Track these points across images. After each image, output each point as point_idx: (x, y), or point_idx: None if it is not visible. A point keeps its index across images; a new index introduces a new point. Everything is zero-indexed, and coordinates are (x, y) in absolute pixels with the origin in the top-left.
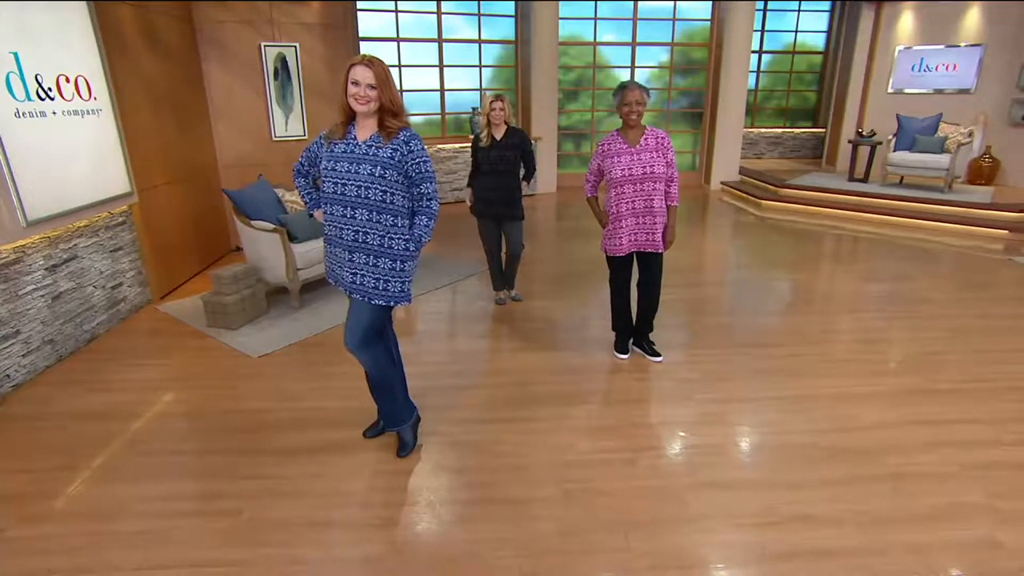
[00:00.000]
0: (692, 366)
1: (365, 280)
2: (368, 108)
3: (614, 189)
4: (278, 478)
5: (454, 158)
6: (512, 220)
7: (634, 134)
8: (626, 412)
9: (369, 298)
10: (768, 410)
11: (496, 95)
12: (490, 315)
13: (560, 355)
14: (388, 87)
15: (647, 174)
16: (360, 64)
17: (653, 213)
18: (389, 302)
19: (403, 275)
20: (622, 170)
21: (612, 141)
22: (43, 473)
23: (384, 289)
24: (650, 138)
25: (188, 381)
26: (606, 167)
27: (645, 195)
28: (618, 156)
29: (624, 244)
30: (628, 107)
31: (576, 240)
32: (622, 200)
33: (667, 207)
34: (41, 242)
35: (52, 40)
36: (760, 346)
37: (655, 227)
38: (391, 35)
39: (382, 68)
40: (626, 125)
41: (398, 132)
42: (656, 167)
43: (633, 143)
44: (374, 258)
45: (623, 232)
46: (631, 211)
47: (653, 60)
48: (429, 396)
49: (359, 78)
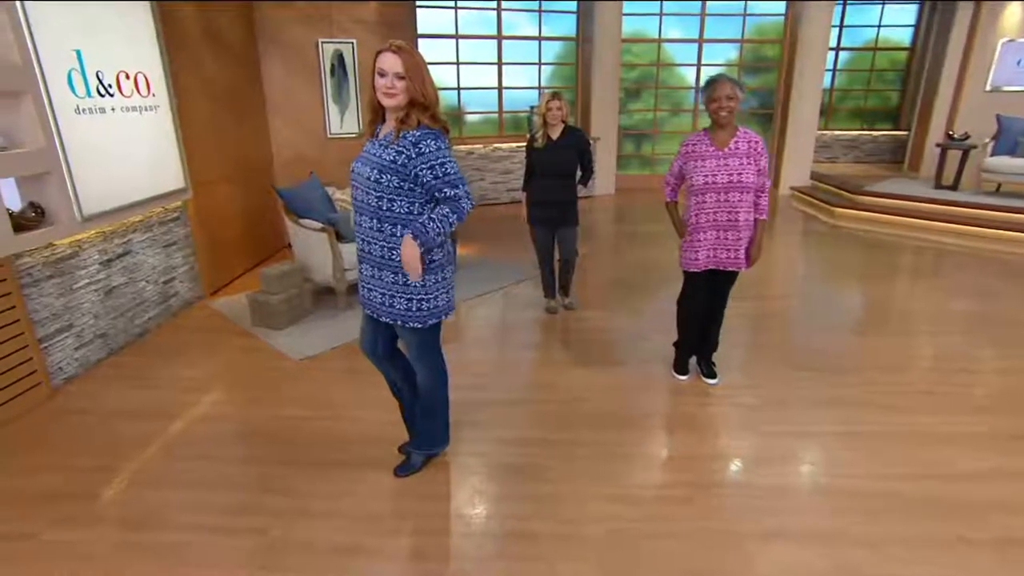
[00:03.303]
0: (754, 391)
1: (375, 294)
2: (396, 102)
3: (695, 197)
4: (308, 495)
5: (510, 157)
6: (567, 225)
7: (723, 135)
8: (682, 441)
9: (377, 314)
10: (841, 447)
11: (553, 93)
12: (540, 324)
13: (612, 371)
14: (419, 77)
15: (734, 183)
16: (387, 51)
17: (738, 227)
18: (395, 320)
19: (409, 291)
20: (705, 177)
21: (697, 141)
22: (82, 473)
23: (391, 306)
24: (741, 141)
25: (230, 382)
26: (688, 171)
27: (730, 207)
28: (702, 160)
29: (701, 259)
30: (717, 103)
31: (634, 246)
32: (703, 211)
33: (754, 220)
34: (96, 237)
35: (114, 37)
36: (830, 371)
37: (739, 243)
38: (449, 32)
39: (411, 56)
40: (715, 124)
41: (414, 128)
42: (745, 175)
43: (721, 145)
44: (378, 270)
45: (701, 246)
46: (712, 224)
47: (721, 58)
48: (471, 410)
49: (386, 67)
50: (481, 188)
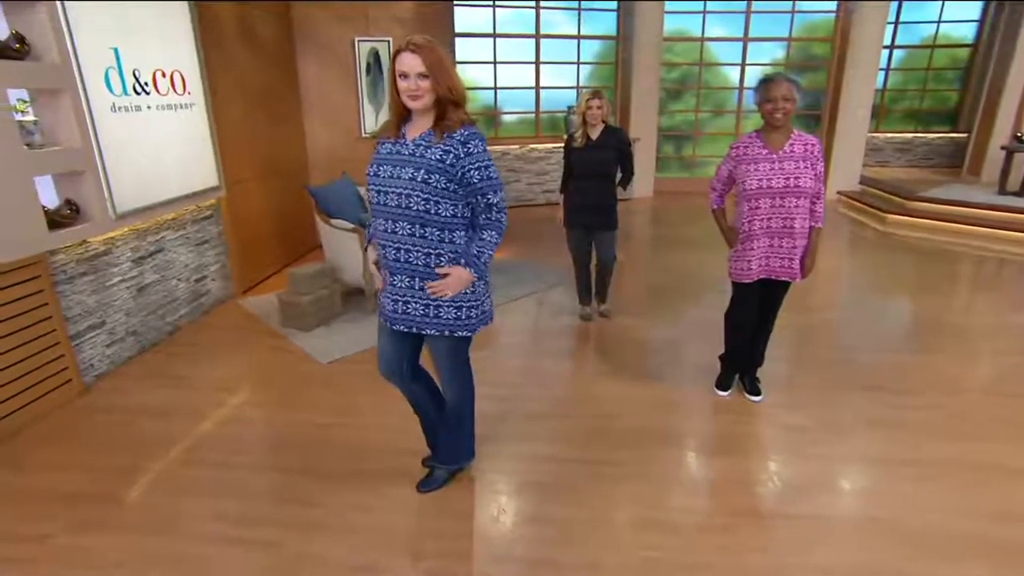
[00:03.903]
0: (802, 411)
1: (410, 307)
2: (423, 103)
3: (747, 203)
4: (326, 507)
5: (546, 158)
6: (605, 229)
7: (778, 137)
8: (725, 463)
9: (418, 328)
10: (907, 477)
11: (593, 91)
12: (574, 332)
13: (650, 384)
14: (443, 73)
15: (789, 187)
16: (405, 51)
17: (793, 235)
18: (441, 331)
19: (456, 299)
20: (759, 180)
21: (749, 144)
22: (104, 473)
23: (436, 316)
24: (797, 144)
25: (256, 384)
26: (739, 175)
27: (785, 212)
28: (755, 163)
29: (753, 269)
30: (772, 104)
31: (673, 250)
32: (756, 217)
33: (809, 228)
34: (130, 234)
35: (151, 35)
36: (884, 391)
37: (793, 252)
38: (487, 31)
39: (432, 51)
40: (768, 126)
41: (457, 128)
42: (802, 179)
43: (776, 148)
44: (418, 280)
45: (754, 255)
46: (766, 230)
47: (766, 57)
48: (498, 423)
49: (407, 68)
50: (516, 189)
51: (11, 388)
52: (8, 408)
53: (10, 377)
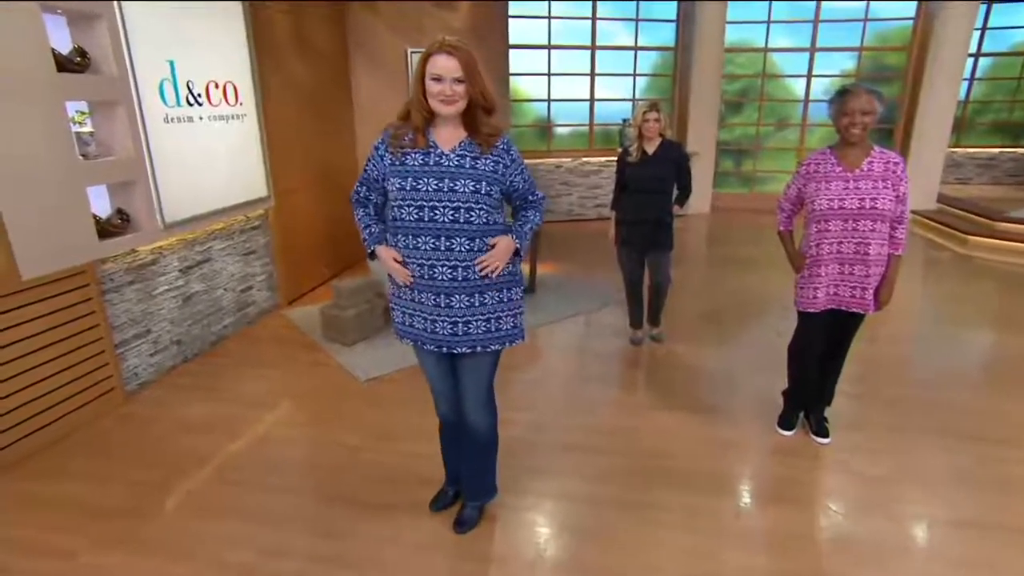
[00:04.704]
0: (876, 457)
1: (471, 326)
2: (457, 108)
3: (815, 224)
4: (350, 539)
5: (599, 172)
6: (659, 249)
7: (854, 154)
8: (787, 516)
9: (482, 346)
10: (1008, 545)
11: (651, 103)
12: (623, 356)
13: (704, 420)
14: (478, 77)
15: (865, 209)
16: (441, 52)
17: (867, 262)
18: (503, 344)
19: (512, 306)
20: (830, 200)
21: (822, 160)
22: (136, 488)
23: (497, 329)
24: (876, 162)
25: (293, 400)
26: (807, 193)
27: (859, 237)
28: (827, 181)
29: (820, 298)
30: (849, 118)
31: (731, 271)
32: (825, 240)
33: (887, 255)
34: (178, 244)
35: (206, 47)
36: (981, 440)
37: (867, 280)
38: (541, 42)
39: (468, 54)
40: (843, 142)
41: (499, 138)
42: (881, 201)
43: (852, 166)
44: (479, 295)
45: (821, 282)
46: (835, 256)
47: (835, 68)
48: (535, 454)
49: (441, 71)
50: (568, 203)
51: (56, 395)
52: (53, 415)
53: (56, 384)
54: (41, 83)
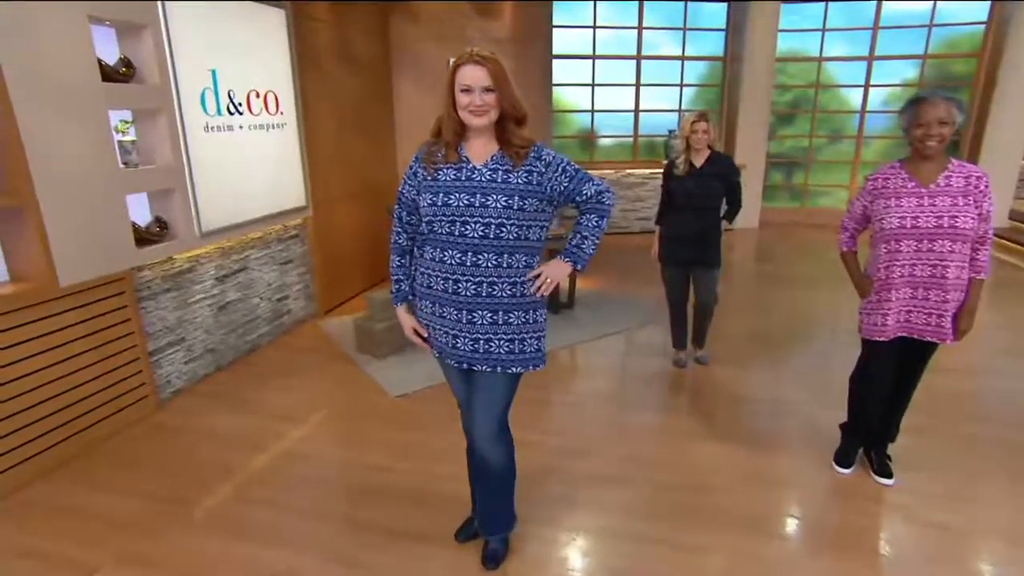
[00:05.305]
0: (948, 503)
1: (493, 344)
2: (488, 119)
3: (884, 245)
4: (368, 569)
5: (643, 184)
6: (706, 266)
7: (929, 168)
8: (844, 566)
9: (503, 367)
10: None
11: (700, 113)
12: (665, 379)
13: (751, 451)
14: (508, 86)
15: (942, 228)
16: (469, 63)
17: (944, 286)
18: (526, 367)
19: (537, 328)
20: (901, 218)
21: (892, 175)
22: (159, 503)
23: (520, 351)
24: (956, 176)
25: (322, 415)
26: (875, 211)
27: (935, 258)
28: (897, 198)
29: (889, 325)
30: (924, 128)
31: (780, 290)
32: (896, 262)
33: (968, 280)
34: (214, 252)
35: (248, 56)
36: None
37: (944, 307)
38: (586, 52)
39: (498, 64)
40: (917, 155)
41: (530, 151)
42: (961, 219)
43: (925, 181)
44: (503, 314)
45: (891, 307)
46: (907, 279)
47: (895, 77)
48: (567, 484)
49: (471, 82)
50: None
51: (90, 402)
52: (88, 421)
53: (90, 391)
54: (86, 92)
